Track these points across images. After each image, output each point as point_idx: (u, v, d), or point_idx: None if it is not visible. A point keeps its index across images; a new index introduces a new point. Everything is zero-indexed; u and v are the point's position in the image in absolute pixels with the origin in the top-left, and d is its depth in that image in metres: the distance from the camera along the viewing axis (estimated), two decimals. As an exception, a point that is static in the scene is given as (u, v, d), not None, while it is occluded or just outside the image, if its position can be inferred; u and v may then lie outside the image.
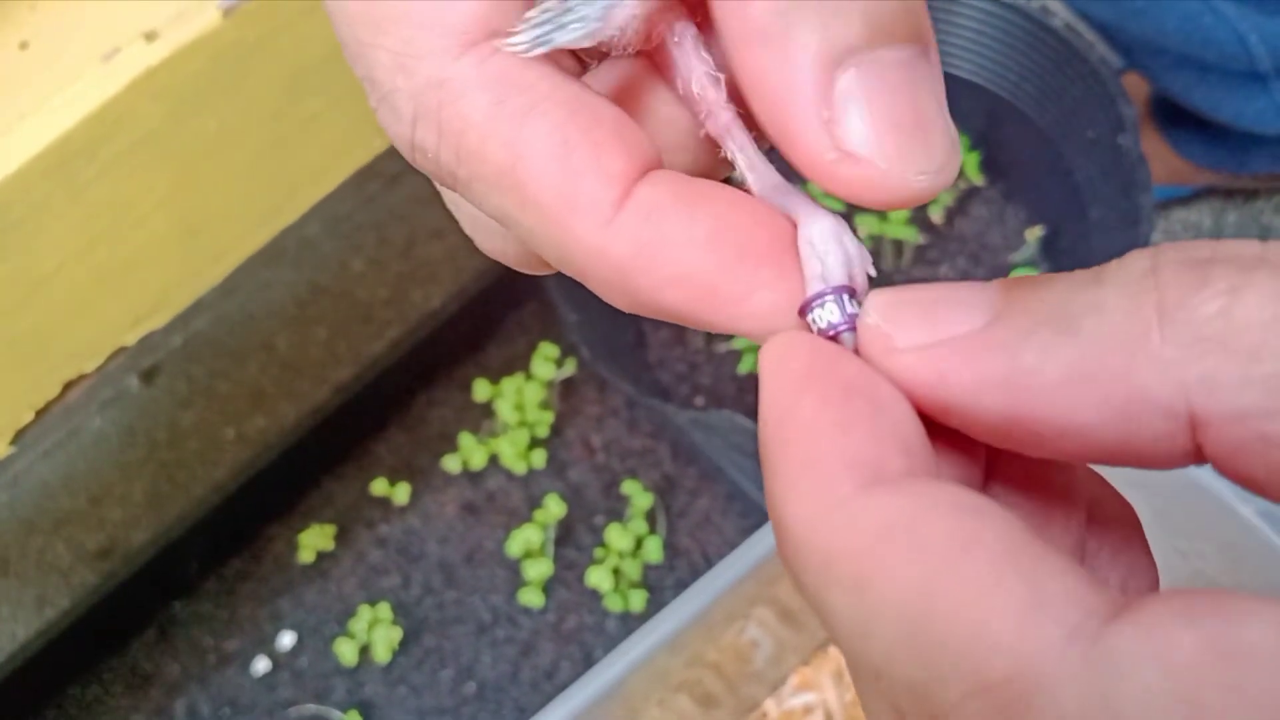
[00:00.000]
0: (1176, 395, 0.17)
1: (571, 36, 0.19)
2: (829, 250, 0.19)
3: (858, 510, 0.16)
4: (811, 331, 0.19)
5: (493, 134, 0.19)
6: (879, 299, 0.19)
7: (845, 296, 0.19)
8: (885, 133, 0.18)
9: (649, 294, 0.19)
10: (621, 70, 0.22)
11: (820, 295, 0.19)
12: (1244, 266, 0.17)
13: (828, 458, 0.17)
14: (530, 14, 0.19)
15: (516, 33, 0.19)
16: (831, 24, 0.18)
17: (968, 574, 0.15)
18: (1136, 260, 0.17)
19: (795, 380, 0.18)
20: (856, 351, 0.19)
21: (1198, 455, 0.17)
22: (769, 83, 0.18)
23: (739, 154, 0.21)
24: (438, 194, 0.24)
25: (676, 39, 0.21)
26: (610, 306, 0.21)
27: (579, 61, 0.21)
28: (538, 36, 0.19)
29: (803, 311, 0.19)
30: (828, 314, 0.19)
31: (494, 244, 0.23)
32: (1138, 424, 0.17)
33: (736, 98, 0.20)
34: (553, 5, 0.19)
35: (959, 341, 0.18)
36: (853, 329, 0.19)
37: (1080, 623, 0.14)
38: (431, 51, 0.19)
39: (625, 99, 0.22)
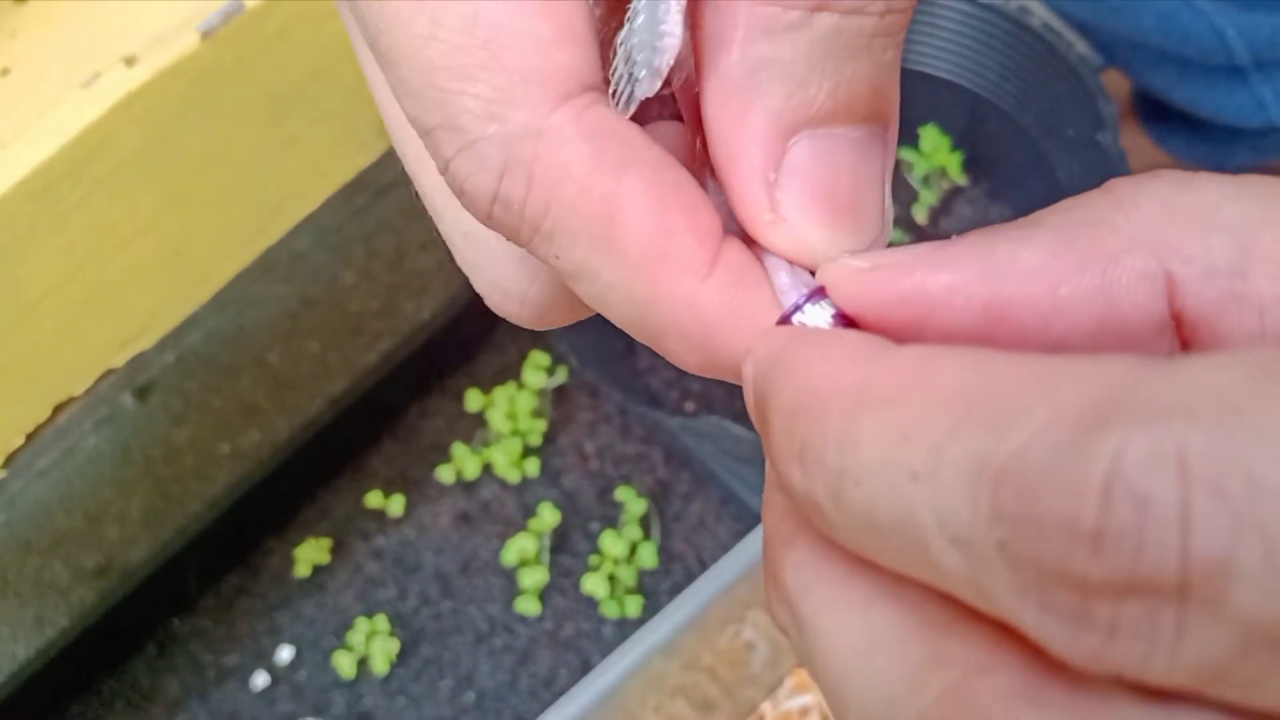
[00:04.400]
0: (1149, 261, 0.17)
1: (645, 87, 0.19)
2: (768, 259, 0.20)
3: (892, 351, 0.17)
4: None
5: (591, 186, 0.19)
6: (841, 260, 0.20)
7: (821, 300, 0.20)
8: (821, 209, 0.19)
9: (730, 353, 0.19)
10: None
11: (795, 306, 0.20)
12: (1185, 174, 0.18)
13: (852, 337, 0.18)
14: (611, 82, 0.20)
15: (614, 104, 0.19)
16: (797, 92, 0.19)
17: (1021, 360, 0.15)
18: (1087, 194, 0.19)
19: (797, 328, 0.19)
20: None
21: (1177, 333, 0.18)
22: (727, 133, 0.19)
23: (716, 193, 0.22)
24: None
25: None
26: (599, 315, 0.21)
27: None
28: (626, 96, 0.19)
29: (785, 319, 0.20)
30: (814, 316, 0.20)
31: (510, 306, 0.23)
32: (1117, 294, 0.17)
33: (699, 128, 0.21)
34: (620, 66, 0.19)
35: (931, 254, 0.18)
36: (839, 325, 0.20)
37: (1145, 359, 0.14)
38: (528, 101, 0.18)
39: None
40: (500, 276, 0.23)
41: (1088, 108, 0.88)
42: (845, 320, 0.19)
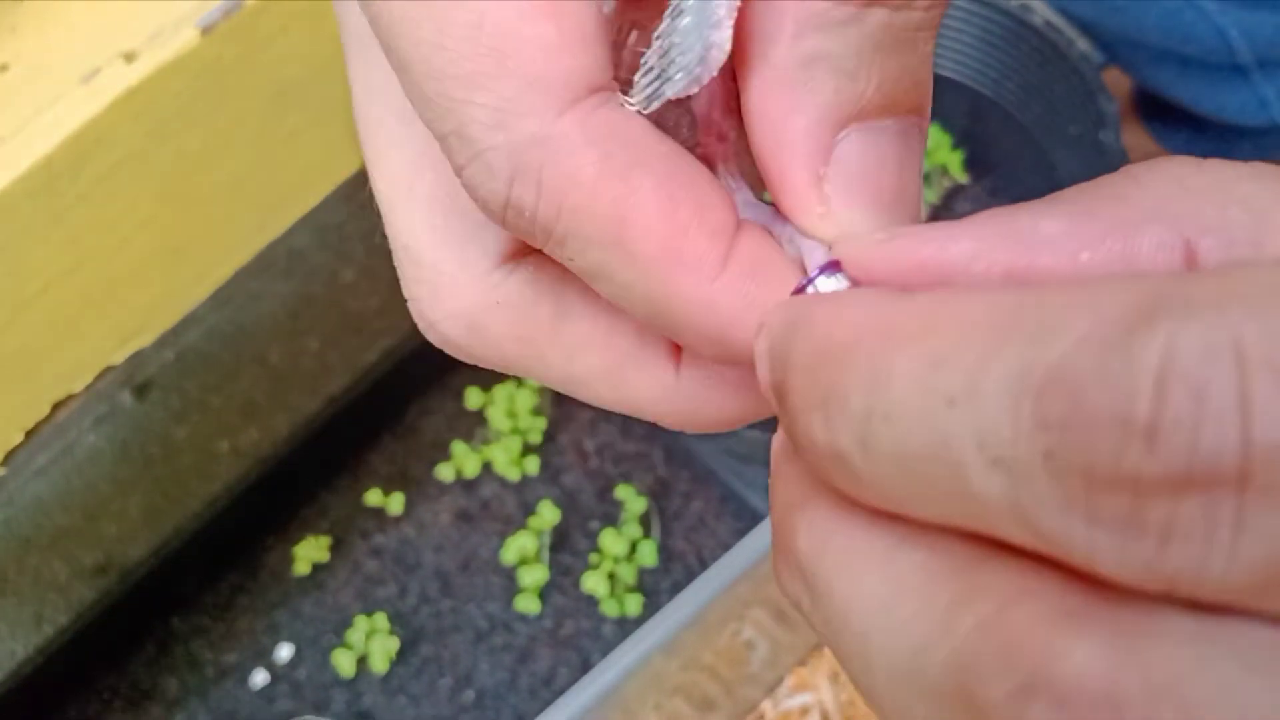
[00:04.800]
0: (1168, 230, 0.17)
1: (678, 87, 0.19)
2: (800, 240, 0.20)
3: (917, 295, 0.17)
4: None
5: (600, 191, 0.19)
6: (854, 232, 0.20)
7: (835, 273, 0.20)
8: (868, 202, 0.20)
9: (748, 345, 0.19)
10: None
11: (809, 279, 0.20)
12: (1196, 159, 0.18)
13: (873, 291, 0.18)
14: (638, 75, 0.19)
15: (633, 94, 0.19)
16: (847, 87, 0.19)
17: (1053, 285, 0.15)
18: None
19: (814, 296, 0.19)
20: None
21: None
22: (778, 128, 0.19)
23: (729, 179, 0.22)
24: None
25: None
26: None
27: None
28: (650, 93, 0.19)
29: (799, 290, 0.20)
30: (827, 286, 0.20)
31: (421, 324, 0.24)
32: (1138, 263, 0.17)
33: (727, 123, 0.21)
34: (653, 60, 0.19)
35: (949, 225, 0.18)
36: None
37: (1181, 270, 0.15)
38: (534, 109, 0.18)
39: None
40: (419, 296, 0.24)
41: (1089, 106, 0.88)
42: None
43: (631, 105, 0.19)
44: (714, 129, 0.21)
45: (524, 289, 0.23)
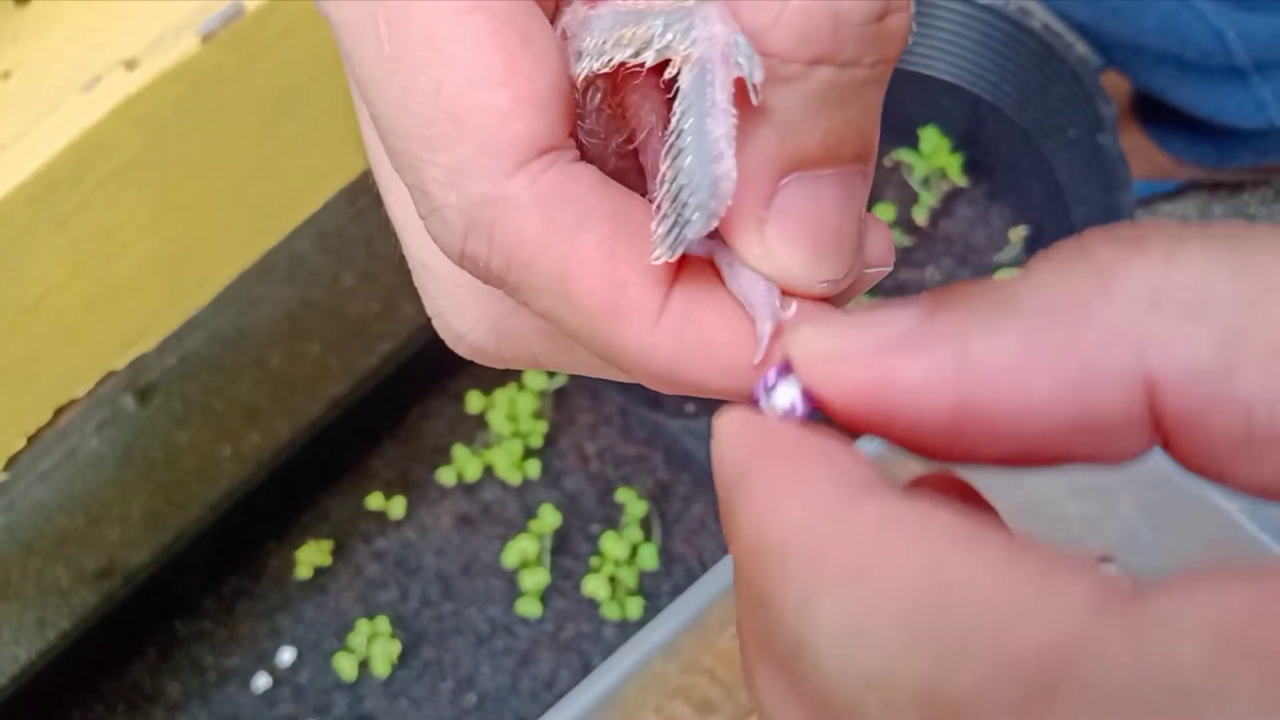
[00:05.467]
0: (1129, 359, 0.17)
1: (698, 227, 0.19)
2: (764, 316, 0.21)
3: (854, 508, 0.16)
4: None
5: (544, 249, 0.20)
6: (806, 328, 0.20)
7: (789, 378, 0.20)
8: (805, 244, 0.20)
9: (697, 382, 0.21)
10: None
11: (766, 385, 0.20)
12: (1175, 237, 0.17)
13: (817, 467, 0.17)
14: (654, 223, 0.20)
15: (655, 246, 0.20)
16: (790, 139, 0.20)
17: (980, 556, 0.15)
18: (1063, 246, 0.18)
19: (761, 434, 0.19)
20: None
21: (1157, 432, 0.17)
22: None
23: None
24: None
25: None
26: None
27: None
28: (672, 241, 0.19)
29: (754, 400, 0.20)
30: (781, 396, 0.20)
31: (448, 338, 0.25)
32: (1094, 396, 0.17)
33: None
34: (666, 206, 0.19)
35: (902, 339, 0.18)
36: (808, 409, 0.20)
37: (1106, 594, 0.14)
38: (486, 172, 0.19)
39: None
40: (444, 311, 0.25)
41: (1087, 109, 0.88)
42: (813, 403, 0.20)
43: (658, 257, 0.20)
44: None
45: None
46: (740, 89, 0.19)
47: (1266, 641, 0.12)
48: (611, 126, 0.21)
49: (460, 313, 0.25)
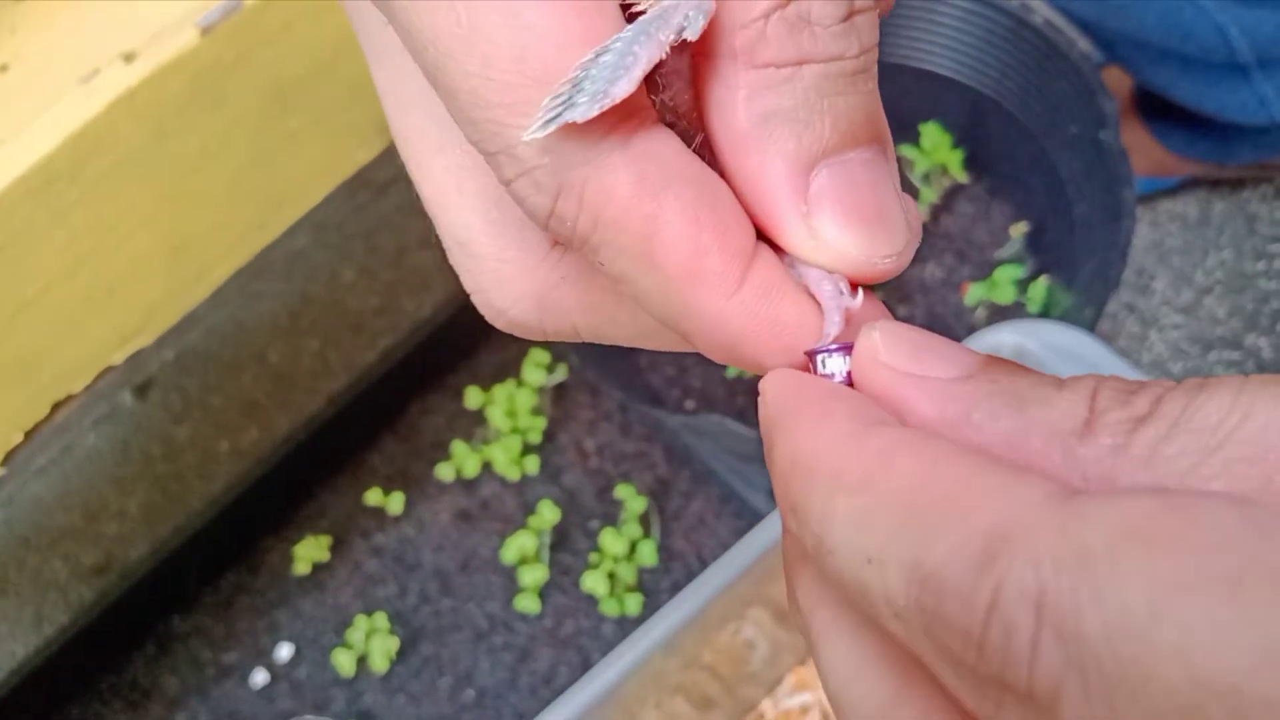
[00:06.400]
0: (1076, 482, 0.19)
1: (579, 113, 0.20)
2: (832, 308, 0.23)
3: (866, 438, 0.20)
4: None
5: (632, 208, 0.21)
6: (886, 325, 0.22)
7: (846, 356, 0.22)
8: (852, 223, 0.22)
9: (754, 358, 0.22)
10: None
11: (826, 349, 0.22)
12: (1162, 399, 0.20)
13: (841, 410, 0.20)
14: (545, 98, 0.21)
15: (535, 118, 0.20)
16: (806, 133, 0.21)
17: (960, 465, 0.18)
18: (1087, 379, 0.21)
19: (798, 385, 0.22)
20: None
21: None
22: (754, 184, 0.22)
23: None
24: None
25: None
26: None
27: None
28: (552, 118, 0.20)
29: (811, 355, 0.22)
30: (833, 364, 0.22)
31: (490, 314, 0.26)
32: None
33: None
34: (564, 88, 0.20)
35: (929, 382, 0.21)
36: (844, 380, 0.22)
37: (1049, 494, 0.17)
38: (577, 131, 0.20)
39: None
40: (486, 288, 0.26)
41: (1089, 105, 0.88)
42: (850, 380, 0.22)
43: (530, 134, 0.20)
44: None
45: (584, 260, 0.24)
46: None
47: (1154, 531, 0.16)
48: (679, 100, 0.22)
49: (502, 288, 0.26)
